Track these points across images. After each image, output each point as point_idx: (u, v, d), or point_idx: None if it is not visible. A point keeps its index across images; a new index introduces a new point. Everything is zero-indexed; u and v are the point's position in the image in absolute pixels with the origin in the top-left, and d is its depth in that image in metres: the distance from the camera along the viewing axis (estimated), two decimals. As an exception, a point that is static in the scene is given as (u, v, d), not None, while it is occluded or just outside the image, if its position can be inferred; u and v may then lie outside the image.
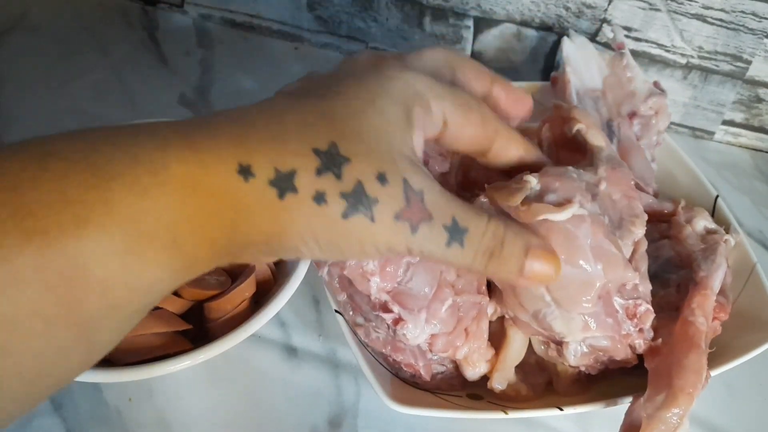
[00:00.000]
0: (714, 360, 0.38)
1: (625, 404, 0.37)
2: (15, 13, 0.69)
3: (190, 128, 0.23)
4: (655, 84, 0.50)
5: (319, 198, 0.23)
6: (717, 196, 0.47)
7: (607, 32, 0.59)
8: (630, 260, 0.35)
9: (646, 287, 0.36)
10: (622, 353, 0.36)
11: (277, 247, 0.24)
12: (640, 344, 0.36)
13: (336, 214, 0.24)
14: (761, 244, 0.55)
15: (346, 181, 0.24)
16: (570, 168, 0.34)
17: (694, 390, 0.33)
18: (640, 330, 0.36)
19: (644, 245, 0.36)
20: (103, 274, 0.20)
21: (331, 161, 0.23)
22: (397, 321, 0.35)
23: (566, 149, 0.38)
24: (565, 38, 0.50)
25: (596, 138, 0.37)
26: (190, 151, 0.22)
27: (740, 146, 0.64)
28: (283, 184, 0.23)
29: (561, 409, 0.37)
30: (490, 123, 0.30)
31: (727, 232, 0.43)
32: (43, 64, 0.64)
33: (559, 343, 0.37)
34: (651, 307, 0.36)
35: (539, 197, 0.31)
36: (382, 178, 0.24)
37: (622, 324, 0.35)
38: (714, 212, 0.46)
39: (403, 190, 0.25)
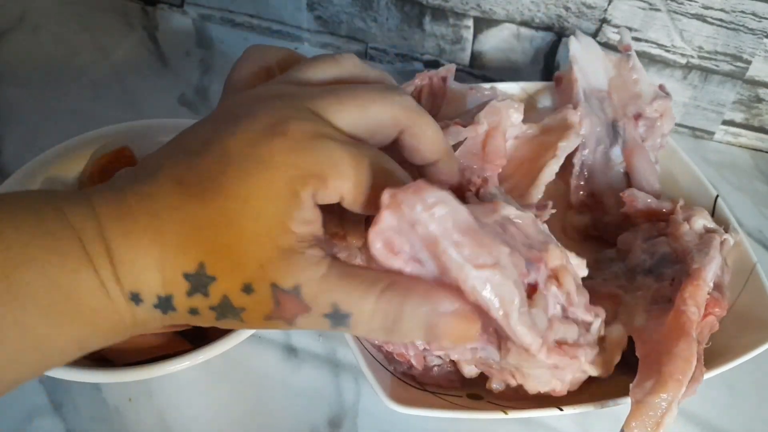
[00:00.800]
0: (714, 360, 0.38)
1: (625, 404, 0.37)
2: (15, 13, 0.69)
3: (92, 246, 0.24)
4: (661, 87, 0.50)
5: (193, 311, 0.26)
6: (717, 196, 0.47)
7: (607, 32, 0.59)
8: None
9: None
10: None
11: None
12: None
13: (211, 319, 0.26)
14: (761, 244, 0.55)
15: (213, 297, 0.25)
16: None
17: (683, 377, 0.33)
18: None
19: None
20: (13, 379, 0.24)
21: (199, 283, 0.25)
22: None
23: None
24: (571, 38, 0.50)
25: None
26: (96, 281, 0.24)
27: (740, 146, 0.64)
28: (164, 306, 0.25)
29: (561, 409, 0.37)
30: (393, 178, 0.28)
31: (726, 232, 0.43)
32: (43, 64, 0.64)
33: None
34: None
35: None
36: (247, 289, 0.25)
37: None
38: (714, 212, 0.46)
39: (272, 295, 0.25)
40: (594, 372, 0.35)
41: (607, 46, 0.60)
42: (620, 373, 0.40)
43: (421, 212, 0.24)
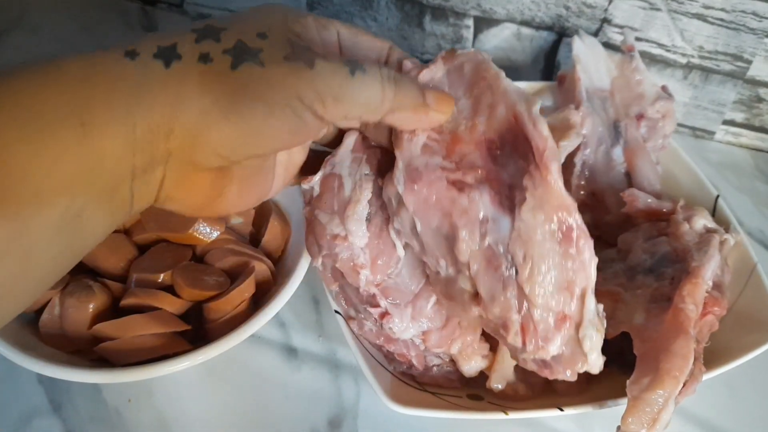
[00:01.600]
0: (714, 360, 0.38)
1: (625, 404, 0.37)
2: (15, 13, 0.69)
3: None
4: (663, 88, 0.50)
5: (204, 58, 0.25)
6: (717, 196, 0.47)
7: (608, 32, 0.59)
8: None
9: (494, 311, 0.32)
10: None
11: (183, 133, 0.25)
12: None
13: (225, 67, 0.25)
14: (761, 243, 0.55)
15: (225, 41, 0.26)
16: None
17: (680, 373, 0.34)
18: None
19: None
20: (21, 163, 0.21)
21: (208, 31, 0.26)
22: (384, 315, 0.36)
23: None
24: (575, 37, 0.50)
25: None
26: (81, 53, 0.24)
27: (741, 146, 0.64)
28: (167, 54, 0.25)
29: (561, 410, 0.37)
30: (380, 109, 0.30)
31: (727, 232, 0.43)
32: (42, 64, 0.64)
33: None
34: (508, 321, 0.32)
35: None
36: (262, 35, 0.26)
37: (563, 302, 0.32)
38: (714, 212, 0.46)
39: (287, 40, 0.27)
40: None
41: (607, 45, 0.59)
42: (620, 373, 0.40)
43: None
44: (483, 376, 0.40)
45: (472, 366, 0.39)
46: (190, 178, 0.27)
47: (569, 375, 0.32)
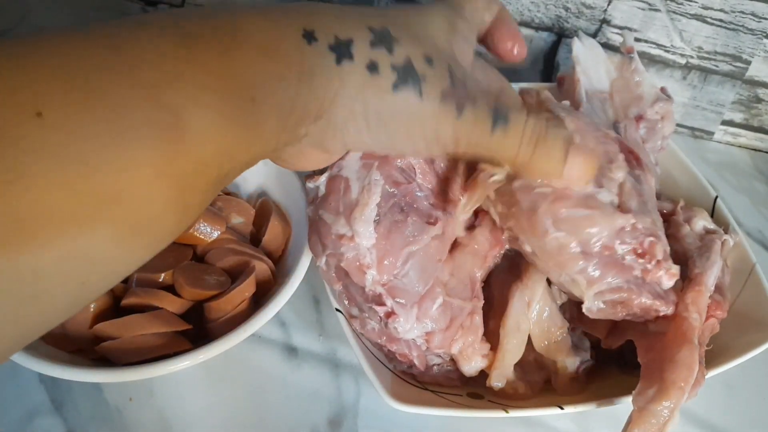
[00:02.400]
0: (714, 360, 0.38)
1: (625, 403, 0.37)
2: (15, 14, 0.69)
3: (261, 4, 0.25)
4: (662, 90, 0.50)
5: (372, 67, 0.26)
6: (716, 197, 0.47)
7: (607, 32, 0.59)
8: (618, 205, 0.36)
9: (645, 221, 0.36)
10: (644, 300, 0.36)
11: (326, 124, 0.27)
12: (663, 277, 0.36)
13: (387, 84, 0.26)
14: (761, 244, 0.55)
15: (397, 55, 0.26)
16: None
17: (685, 384, 0.33)
18: (657, 263, 0.36)
19: (629, 184, 0.37)
20: (197, 127, 0.21)
21: (383, 38, 0.26)
22: (389, 314, 0.36)
23: None
24: (575, 39, 0.50)
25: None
26: (261, 18, 0.24)
27: (740, 146, 0.64)
28: (341, 50, 0.25)
29: (562, 408, 0.37)
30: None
31: (726, 233, 0.44)
32: (43, 64, 0.64)
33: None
34: (656, 236, 0.36)
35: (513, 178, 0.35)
36: (429, 60, 0.27)
37: (633, 267, 0.36)
38: (713, 213, 0.46)
39: (449, 72, 0.27)
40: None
41: (607, 46, 0.60)
42: (621, 372, 0.40)
43: None
44: (483, 375, 0.40)
45: (472, 366, 0.39)
46: (310, 152, 0.30)
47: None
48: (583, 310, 0.37)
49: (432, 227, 0.36)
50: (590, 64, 0.50)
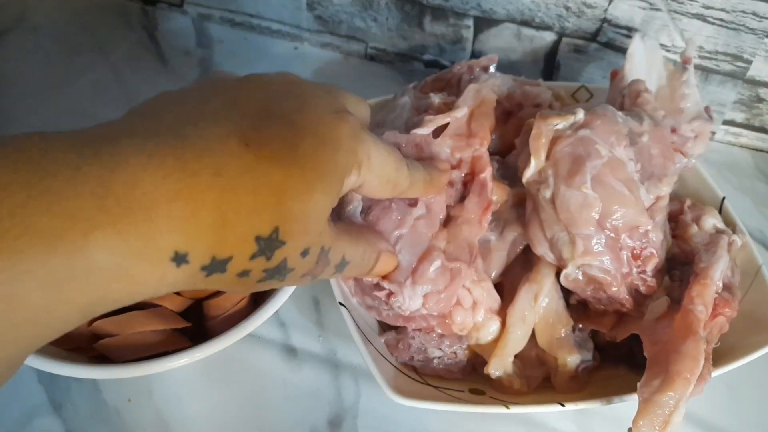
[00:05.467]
0: (716, 361, 0.38)
1: (628, 402, 0.37)
2: (15, 13, 0.69)
3: (125, 202, 0.21)
4: (707, 109, 0.50)
5: (243, 274, 0.25)
6: (723, 198, 0.47)
7: (607, 32, 0.59)
8: (648, 210, 0.39)
9: (657, 236, 0.39)
10: (618, 292, 0.38)
11: None
12: (640, 286, 0.39)
13: (252, 282, 0.26)
14: (762, 244, 0.55)
15: (274, 260, 0.25)
16: (619, 112, 0.40)
17: (690, 375, 0.33)
18: (642, 272, 0.38)
19: (665, 200, 0.40)
20: (5, 356, 0.20)
21: (268, 247, 0.25)
22: (389, 295, 0.37)
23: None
24: (636, 36, 0.50)
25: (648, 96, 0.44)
26: (119, 239, 0.21)
27: (741, 146, 0.64)
28: (214, 268, 0.24)
29: (563, 405, 0.37)
30: (397, 189, 0.33)
31: (733, 233, 0.43)
32: (42, 64, 0.64)
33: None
34: (657, 253, 0.39)
35: (578, 128, 0.38)
36: (305, 253, 0.26)
37: (625, 263, 0.38)
38: (721, 214, 0.46)
39: (318, 256, 0.28)
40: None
41: (608, 45, 0.60)
42: (629, 371, 0.40)
43: None
44: (482, 370, 0.40)
45: (466, 321, 0.39)
46: None
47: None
48: (562, 274, 0.39)
49: (414, 208, 0.37)
50: (642, 65, 0.50)
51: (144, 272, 0.22)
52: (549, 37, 0.61)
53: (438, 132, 0.41)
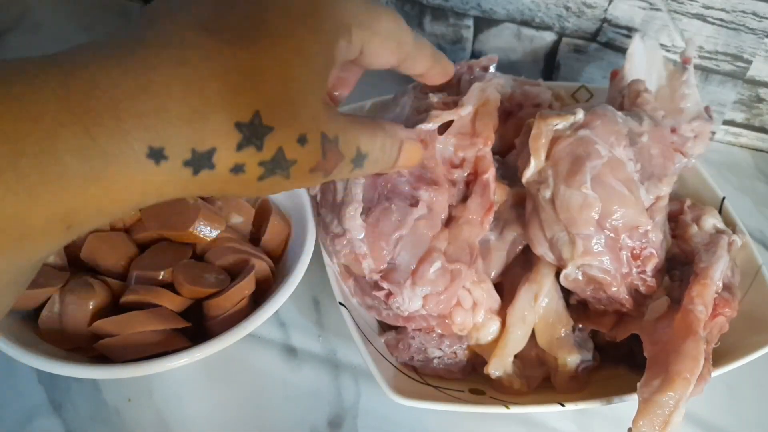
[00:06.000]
0: (716, 361, 0.38)
1: (627, 402, 0.37)
2: (15, 13, 0.69)
3: (87, 98, 0.20)
4: (707, 109, 0.50)
5: (237, 169, 0.23)
6: (723, 198, 0.47)
7: (607, 32, 0.59)
8: (648, 210, 0.39)
9: (657, 237, 0.39)
10: (618, 292, 0.38)
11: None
12: (640, 286, 0.39)
13: (252, 179, 0.24)
14: (762, 244, 0.55)
15: (267, 150, 0.23)
16: (618, 112, 0.40)
17: (690, 375, 0.33)
18: (642, 272, 0.38)
19: (665, 200, 0.41)
20: None
21: (253, 134, 0.23)
22: (388, 295, 0.37)
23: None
24: (636, 36, 0.50)
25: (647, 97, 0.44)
26: (87, 138, 0.20)
27: (741, 146, 0.64)
28: (200, 162, 0.22)
29: (563, 405, 0.37)
30: (403, 48, 0.30)
31: (733, 233, 0.43)
32: (42, 64, 0.64)
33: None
34: (657, 254, 0.39)
35: (578, 128, 0.38)
36: (302, 140, 0.24)
37: (625, 263, 0.38)
38: (721, 214, 0.46)
39: (321, 145, 0.25)
40: None
41: (608, 46, 0.60)
42: (629, 372, 0.40)
43: None
44: (482, 370, 0.40)
45: (467, 320, 0.39)
46: None
47: None
48: (561, 274, 0.39)
49: (414, 209, 0.37)
50: (642, 65, 0.50)
51: (121, 173, 0.21)
52: (549, 37, 0.61)
53: (442, 129, 0.41)
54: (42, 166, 0.19)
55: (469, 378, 0.41)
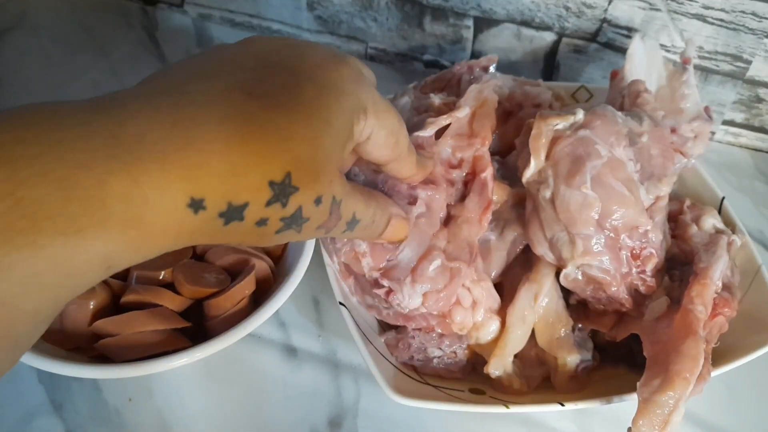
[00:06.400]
0: (716, 360, 0.38)
1: (627, 401, 0.37)
2: (15, 13, 0.69)
3: (136, 150, 0.21)
4: (706, 109, 0.50)
5: (262, 222, 0.25)
6: (723, 198, 0.47)
7: (607, 32, 0.59)
8: (647, 210, 0.39)
9: (657, 237, 0.39)
10: (618, 292, 0.38)
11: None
12: (640, 286, 0.39)
13: (271, 232, 0.26)
14: (762, 244, 0.55)
15: (290, 207, 0.25)
16: (618, 113, 0.40)
17: (690, 375, 0.34)
18: (642, 272, 0.39)
19: (665, 200, 0.41)
20: (33, 308, 0.21)
21: (282, 192, 0.25)
22: (388, 293, 0.37)
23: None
24: (636, 36, 0.50)
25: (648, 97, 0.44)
26: (133, 186, 0.21)
27: (740, 146, 0.64)
28: (231, 215, 0.24)
29: (563, 405, 0.37)
30: (399, 147, 0.33)
31: (733, 233, 0.43)
32: (43, 64, 0.64)
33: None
34: (657, 253, 0.39)
35: (578, 128, 0.38)
36: (318, 201, 0.26)
37: (625, 263, 0.38)
38: (720, 214, 0.46)
39: (330, 207, 0.28)
40: None
41: (608, 46, 0.60)
42: (629, 371, 0.40)
43: None
44: (482, 369, 0.40)
45: (487, 332, 0.40)
46: None
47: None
48: (561, 274, 0.39)
49: (413, 207, 0.37)
50: (642, 65, 0.50)
51: (161, 220, 0.22)
52: (549, 37, 0.61)
53: (439, 133, 0.41)
54: (90, 212, 0.20)
55: (469, 378, 0.41)
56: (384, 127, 0.30)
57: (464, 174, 0.41)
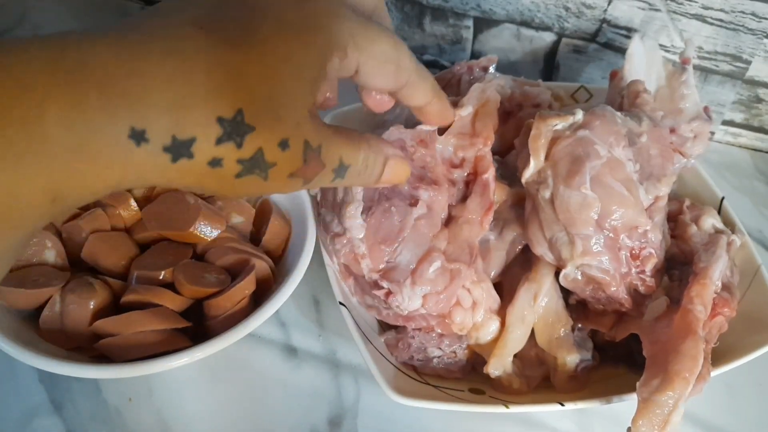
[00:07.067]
0: (716, 360, 0.38)
1: (627, 401, 0.37)
2: (15, 13, 0.69)
3: (76, 74, 0.21)
4: (706, 109, 0.50)
5: (215, 162, 0.24)
6: (723, 198, 0.47)
7: (607, 32, 0.59)
8: (647, 210, 0.39)
9: (656, 236, 0.39)
10: (618, 292, 0.38)
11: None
12: (639, 286, 0.39)
13: (229, 175, 0.24)
14: (761, 244, 0.55)
15: (247, 149, 0.24)
16: (618, 113, 0.40)
17: (690, 375, 0.34)
18: (641, 272, 0.39)
19: (664, 200, 0.41)
20: None
21: (234, 130, 0.23)
22: (388, 294, 0.37)
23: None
24: (635, 36, 0.50)
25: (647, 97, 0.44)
26: (75, 112, 0.20)
27: (740, 146, 0.64)
28: (179, 151, 0.23)
29: (562, 405, 0.37)
30: (402, 73, 0.31)
31: (732, 233, 0.44)
32: (42, 64, 0.64)
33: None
34: (656, 254, 0.39)
35: (577, 128, 0.39)
36: (284, 144, 0.25)
37: (624, 263, 0.38)
38: (720, 214, 0.46)
39: (303, 152, 0.26)
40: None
41: (608, 46, 0.60)
42: (625, 370, 0.40)
43: None
44: (482, 369, 0.40)
45: (487, 333, 0.40)
46: None
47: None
48: (561, 274, 0.39)
49: (414, 208, 0.38)
50: (642, 65, 0.50)
51: (103, 150, 0.21)
52: (548, 37, 0.61)
53: (442, 129, 0.41)
54: (28, 135, 0.19)
55: (468, 377, 0.41)
56: (373, 58, 0.28)
57: (465, 174, 0.41)
